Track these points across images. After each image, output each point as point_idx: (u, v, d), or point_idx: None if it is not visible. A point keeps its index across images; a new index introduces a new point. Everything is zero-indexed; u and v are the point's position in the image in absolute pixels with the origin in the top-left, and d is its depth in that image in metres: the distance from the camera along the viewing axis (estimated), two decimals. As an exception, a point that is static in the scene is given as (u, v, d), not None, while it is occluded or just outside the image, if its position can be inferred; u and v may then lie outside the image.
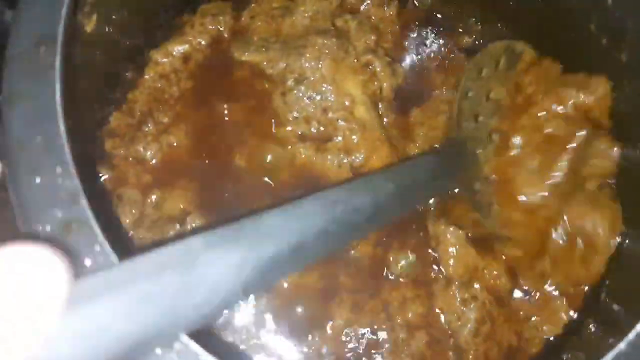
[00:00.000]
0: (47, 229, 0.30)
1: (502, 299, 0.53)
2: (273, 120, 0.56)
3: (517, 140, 0.54)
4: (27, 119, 0.31)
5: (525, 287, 0.53)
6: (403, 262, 0.53)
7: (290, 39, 0.58)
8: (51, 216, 0.30)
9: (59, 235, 0.29)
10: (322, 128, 0.56)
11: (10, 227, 0.32)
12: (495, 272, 0.53)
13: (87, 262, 0.30)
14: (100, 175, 0.51)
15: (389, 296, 0.52)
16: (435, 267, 0.53)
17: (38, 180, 0.30)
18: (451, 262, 0.53)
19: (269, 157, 0.55)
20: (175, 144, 0.55)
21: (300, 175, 0.55)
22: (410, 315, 0.52)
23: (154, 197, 0.53)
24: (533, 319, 0.53)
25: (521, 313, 0.53)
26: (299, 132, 0.55)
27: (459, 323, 0.51)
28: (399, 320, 0.51)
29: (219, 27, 0.59)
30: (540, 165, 0.53)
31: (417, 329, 0.51)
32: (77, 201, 0.30)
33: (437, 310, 0.52)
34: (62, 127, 0.31)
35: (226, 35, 0.59)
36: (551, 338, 0.52)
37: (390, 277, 0.53)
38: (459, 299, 0.52)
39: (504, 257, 0.53)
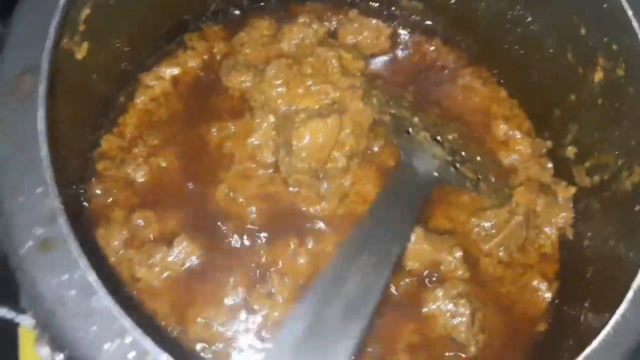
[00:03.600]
0: (27, 246, 0.31)
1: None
2: (254, 149, 0.58)
3: None
4: (10, 143, 0.33)
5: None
6: None
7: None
8: (30, 234, 0.32)
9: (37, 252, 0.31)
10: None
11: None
12: (452, 266, 0.55)
13: (64, 277, 0.31)
14: (86, 196, 0.53)
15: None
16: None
17: (20, 199, 0.32)
18: (410, 258, 0.54)
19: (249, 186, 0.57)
20: (164, 166, 0.57)
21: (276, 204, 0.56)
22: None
23: (142, 218, 0.54)
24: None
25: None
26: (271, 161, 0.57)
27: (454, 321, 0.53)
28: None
29: (209, 51, 0.61)
30: None
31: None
32: (56, 219, 0.32)
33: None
34: (43, 151, 0.33)
35: (218, 58, 0.61)
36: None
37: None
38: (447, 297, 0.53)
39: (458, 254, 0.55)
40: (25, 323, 0.33)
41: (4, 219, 0.32)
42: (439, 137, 0.58)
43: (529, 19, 0.57)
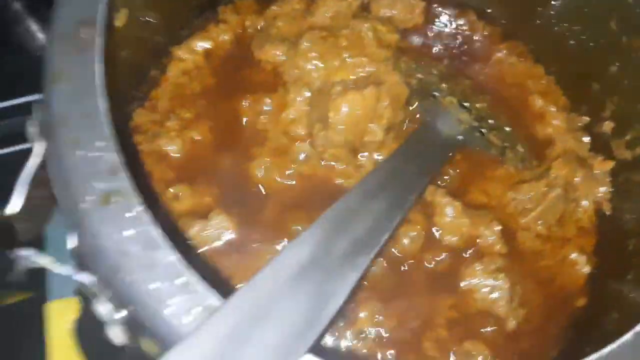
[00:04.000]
0: (88, 201, 0.30)
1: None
2: (288, 123, 0.57)
3: None
4: (68, 95, 0.32)
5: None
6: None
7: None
8: (91, 188, 0.31)
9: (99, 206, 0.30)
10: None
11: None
12: (490, 240, 0.54)
13: (128, 233, 0.31)
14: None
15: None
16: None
17: (79, 153, 0.31)
18: (448, 232, 0.54)
19: (284, 160, 0.56)
20: (197, 139, 0.56)
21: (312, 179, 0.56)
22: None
23: (177, 192, 0.53)
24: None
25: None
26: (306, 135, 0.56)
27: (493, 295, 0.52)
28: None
29: (241, 25, 0.61)
30: None
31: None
32: (117, 173, 0.31)
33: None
34: (102, 103, 0.32)
35: (250, 31, 0.61)
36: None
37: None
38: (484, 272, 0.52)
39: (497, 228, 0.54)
40: (84, 279, 0.31)
41: (63, 173, 0.31)
42: (466, 103, 0.58)
43: (570, -10, 0.57)
